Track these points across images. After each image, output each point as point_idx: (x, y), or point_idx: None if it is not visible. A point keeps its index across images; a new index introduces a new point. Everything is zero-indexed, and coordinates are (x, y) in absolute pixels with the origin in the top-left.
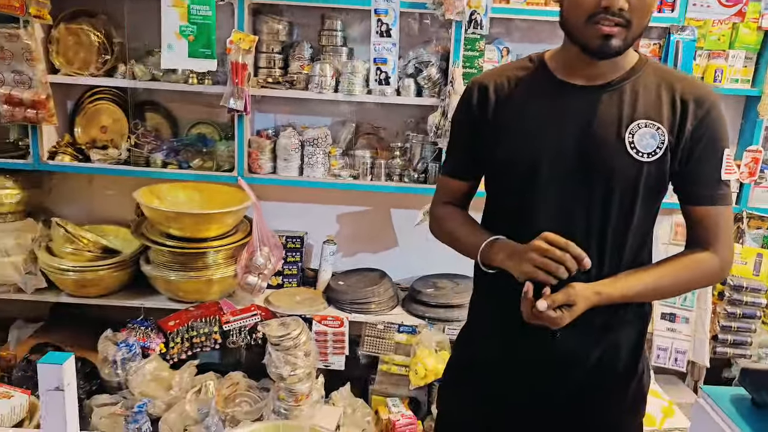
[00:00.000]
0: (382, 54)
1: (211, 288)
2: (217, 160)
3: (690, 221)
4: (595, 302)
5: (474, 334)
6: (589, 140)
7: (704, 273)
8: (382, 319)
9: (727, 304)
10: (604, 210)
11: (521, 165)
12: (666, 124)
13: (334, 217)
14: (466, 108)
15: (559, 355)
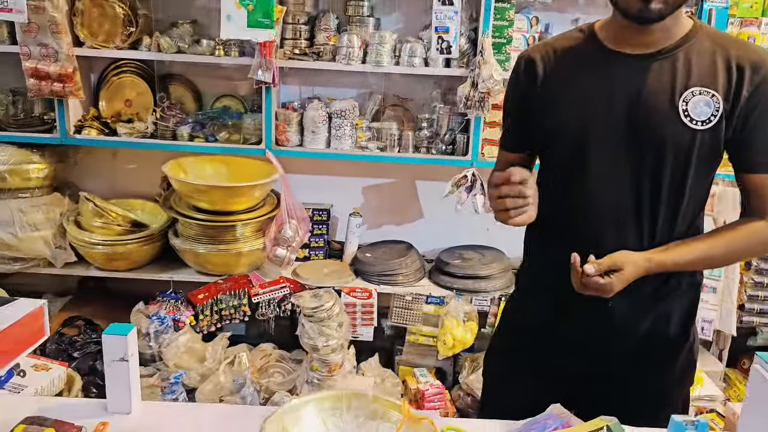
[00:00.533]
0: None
1: (240, 261)
2: (244, 133)
3: (745, 190)
4: (645, 269)
5: (525, 301)
6: (639, 109)
7: (759, 242)
8: (410, 291)
9: (755, 274)
10: (655, 179)
11: (570, 134)
12: (721, 91)
13: (359, 190)
14: (514, 82)
15: (610, 324)
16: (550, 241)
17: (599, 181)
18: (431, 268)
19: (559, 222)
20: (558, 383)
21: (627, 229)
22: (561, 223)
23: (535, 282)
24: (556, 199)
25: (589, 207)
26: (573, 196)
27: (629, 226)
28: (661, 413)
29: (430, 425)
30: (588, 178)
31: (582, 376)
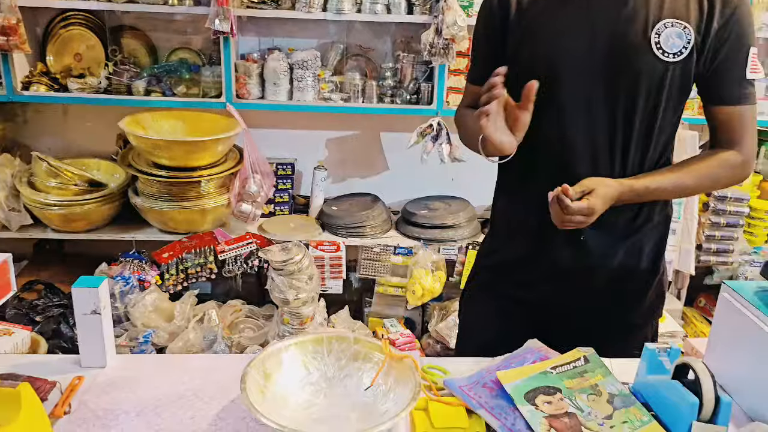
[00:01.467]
0: None
1: (205, 218)
2: (203, 87)
3: (714, 122)
4: (617, 191)
5: (500, 238)
6: (614, 40)
7: (727, 170)
8: (377, 243)
9: (712, 214)
10: (628, 111)
11: (547, 65)
12: (693, 23)
13: (323, 143)
14: (488, 13)
15: (585, 258)
16: (523, 177)
17: (574, 113)
18: (398, 220)
19: (532, 156)
20: (534, 318)
21: (600, 162)
22: (534, 157)
23: (509, 220)
24: (529, 134)
25: (563, 140)
26: (547, 130)
27: (602, 158)
28: (634, 343)
29: (412, 363)
30: (562, 111)
31: (558, 310)
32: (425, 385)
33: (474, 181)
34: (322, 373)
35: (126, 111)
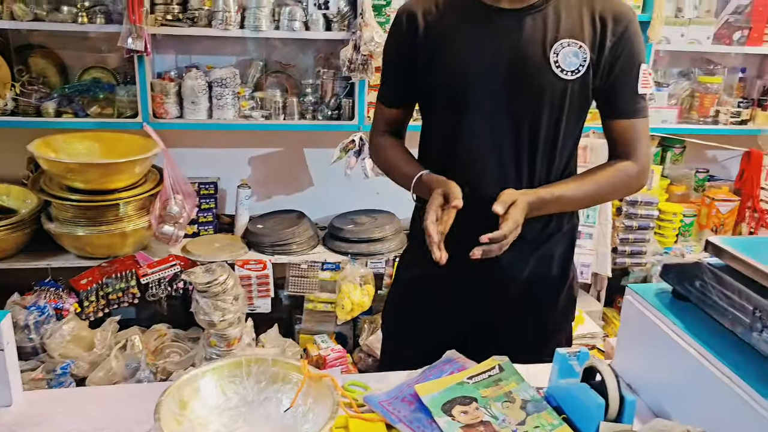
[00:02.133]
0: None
1: (125, 241)
2: (117, 107)
3: (611, 134)
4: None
5: (416, 254)
6: (516, 61)
7: (624, 179)
8: (304, 259)
9: (625, 218)
10: (533, 125)
11: (453, 86)
12: (588, 41)
13: (246, 160)
14: (396, 36)
15: (499, 270)
16: None
17: (481, 129)
18: (325, 235)
19: (445, 171)
20: (453, 330)
21: (508, 175)
22: (447, 172)
23: (423, 234)
24: (440, 150)
25: (472, 155)
26: (457, 147)
27: (510, 171)
28: (550, 348)
29: (331, 383)
30: (471, 129)
31: (475, 320)
32: (346, 402)
33: (399, 194)
34: (242, 398)
35: (36, 134)
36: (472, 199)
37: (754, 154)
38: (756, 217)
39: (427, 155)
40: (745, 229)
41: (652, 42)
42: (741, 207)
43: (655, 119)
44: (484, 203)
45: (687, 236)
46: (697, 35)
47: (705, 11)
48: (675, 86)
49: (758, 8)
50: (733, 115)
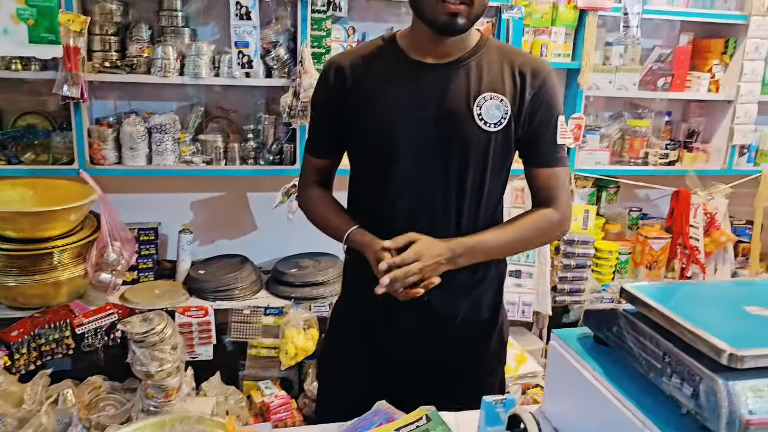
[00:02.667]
0: (243, 37)
1: (59, 290)
2: (53, 153)
3: (533, 183)
4: (444, 242)
5: (350, 304)
6: (442, 114)
7: (546, 227)
8: (247, 304)
9: (563, 257)
10: (460, 178)
11: (382, 139)
12: (509, 95)
13: (188, 205)
14: (324, 89)
15: (432, 316)
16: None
17: (410, 181)
18: (268, 279)
19: (374, 221)
20: (388, 378)
21: (436, 224)
22: (376, 221)
23: (357, 282)
24: (370, 199)
25: (401, 205)
26: (386, 196)
27: (439, 220)
28: (483, 392)
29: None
30: (399, 179)
31: (409, 367)
32: None
33: None
34: None
35: None
36: (400, 251)
37: (682, 194)
38: (687, 254)
39: (356, 203)
40: (678, 266)
41: (583, 88)
42: (672, 244)
43: (589, 161)
44: None
45: (623, 273)
46: (624, 82)
47: (630, 59)
48: (607, 129)
49: (679, 57)
50: (661, 156)
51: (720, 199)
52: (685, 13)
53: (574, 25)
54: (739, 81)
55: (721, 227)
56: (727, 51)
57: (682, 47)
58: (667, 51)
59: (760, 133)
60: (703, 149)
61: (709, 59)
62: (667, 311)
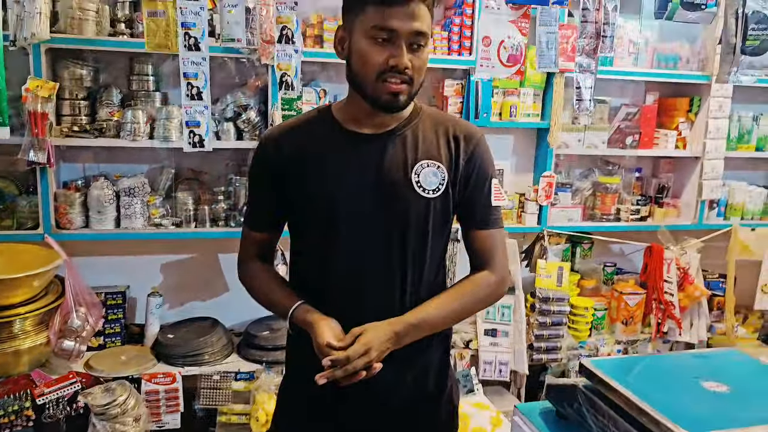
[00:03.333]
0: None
1: (20, 360)
2: (18, 218)
3: (470, 245)
4: (389, 326)
5: (297, 380)
6: (382, 183)
7: (485, 292)
8: (217, 369)
9: (538, 315)
10: (402, 240)
11: (323, 211)
12: (444, 162)
13: (158, 267)
14: (261, 163)
15: (378, 386)
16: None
17: (353, 252)
18: (239, 342)
19: (318, 294)
20: None
21: (382, 293)
22: (320, 291)
23: (302, 359)
24: (313, 269)
25: (345, 274)
26: (329, 265)
27: (383, 288)
28: None
29: None
30: (342, 251)
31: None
32: None
33: None
34: None
35: None
36: (349, 309)
37: (654, 249)
38: (662, 309)
39: (299, 273)
40: (653, 321)
41: (552, 147)
42: (647, 299)
43: (562, 218)
44: (356, 319)
45: (600, 329)
46: (594, 140)
47: (598, 118)
48: (578, 186)
49: (646, 115)
50: (632, 212)
51: (692, 253)
52: (650, 74)
53: (542, 86)
54: (704, 138)
55: (694, 282)
56: (692, 109)
57: (648, 106)
58: (634, 110)
59: (728, 188)
60: (674, 204)
61: (675, 117)
62: (624, 390)
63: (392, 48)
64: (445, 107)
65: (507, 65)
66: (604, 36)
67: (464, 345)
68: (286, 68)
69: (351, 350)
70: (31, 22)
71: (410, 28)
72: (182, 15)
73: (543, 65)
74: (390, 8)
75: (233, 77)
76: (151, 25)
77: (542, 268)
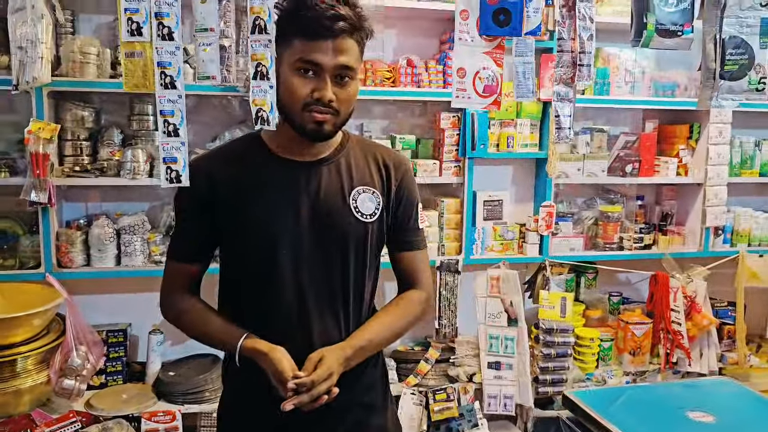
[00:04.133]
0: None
1: (21, 399)
2: (20, 257)
3: (398, 266)
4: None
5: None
6: (320, 209)
7: (418, 309)
8: (216, 407)
9: (543, 346)
10: (343, 270)
11: (259, 238)
12: (378, 187)
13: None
14: (191, 192)
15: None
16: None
17: (293, 277)
18: None
19: (261, 323)
20: None
21: (326, 317)
22: (264, 323)
23: (246, 384)
24: (253, 300)
25: (287, 306)
26: (271, 295)
27: (327, 313)
28: None
29: None
30: (282, 277)
31: None
32: None
33: None
34: None
35: None
36: (295, 338)
37: (660, 277)
38: (670, 339)
39: (232, 302)
40: (662, 351)
41: (551, 177)
42: (655, 329)
43: (563, 247)
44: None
45: (607, 360)
46: (593, 169)
47: (597, 147)
48: (580, 215)
49: (645, 143)
50: (636, 240)
51: (699, 281)
52: (648, 102)
53: (539, 117)
54: (706, 164)
55: (702, 310)
56: (692, 136)
57: (647, 134)
58: (632, 138)
59: (734, 214)
60: (678, 231)
61: (675, 144)
62: (605, 422)
63: (317, 81)
64: (443, 139)
65: (483, 96)
66: (581, 65)
67: (468, 379)
68: (261, 103)
69: (315, 375)
70: (33, 67)
71: (335, 63)
72: (158, 55)
73: (520, 95)
74: (315, 42)
75: (237, 114)
76: (129, 66)
77: (545, 299)
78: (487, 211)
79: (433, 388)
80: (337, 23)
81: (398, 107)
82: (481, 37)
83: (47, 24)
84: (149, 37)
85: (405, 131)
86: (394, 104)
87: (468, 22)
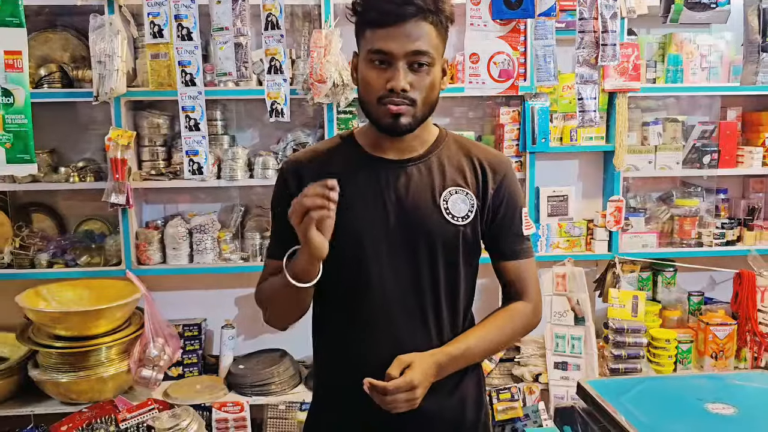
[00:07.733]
0: (192, 147)
1: (105, 386)
2: (105, 255)
3: (501, 276)
4: (433, 359)
5: (329, 413)
6: (408, 209)
7: (523, 322)
8: (283, 399)
9: (613, 347)
10: (433, 274)
11: (349, 241)
12: (472, 188)
13: (231, 301)
14: (283, 189)
15: (418, 415)
16: (344, 347)
17: (383, 283)
18: (308, 374)
19: (345, 322)
20: None
21: (415, 321)
22: (354, 327)
23: (334, 391)
24: (341, 306)
25: (377, 309)
26: (359, 301)
27: (416, 317)
28: None
29: None
30: (372, 281)
31: None
32: None
33: None
34: None
35: (31, 284)
36: (384, 347)
37: (745, 276)
38: (757, 341)
39: (325, 311)
40: (749, 354)
41: (619, 170)
42: (740, 331)
43: (635, 244)
44: (392, 355)
45: (686, 363)
46: (667, 161)
47: (671, 138)
48: (653, 211)
49: (725, 132)
50: (717, 236)
51: None
52: (726, 88)
53: (605, 108)
54: None
55: None
56: None
57: (726, 122)
58: (710, 127)
59: None
60: (766, 227)
61: (761, 132)
62: (614, 412)
63: (390, 71)
64: (502, 135)
65: (499, 80)
66: (604, 44)
67: (533, 379)
68: (276, 96)
69: (393, 384)
70: (110, 79)
71: (406, 49)
72: (179, 54)
73: (541, 78)
74: (384, 30)
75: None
76: (154, 66)
77: (615, 298)
78: (551, 207)
79: (497, 387)
80: (404, 7)
81: (456, 103)
82: (494, 21)
83: (123, 39)
84: (170, 38)
85: (464, 127)
86: (453, 100)
87: (479, 7)
